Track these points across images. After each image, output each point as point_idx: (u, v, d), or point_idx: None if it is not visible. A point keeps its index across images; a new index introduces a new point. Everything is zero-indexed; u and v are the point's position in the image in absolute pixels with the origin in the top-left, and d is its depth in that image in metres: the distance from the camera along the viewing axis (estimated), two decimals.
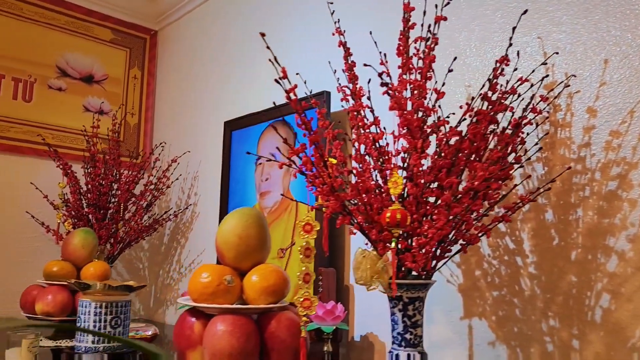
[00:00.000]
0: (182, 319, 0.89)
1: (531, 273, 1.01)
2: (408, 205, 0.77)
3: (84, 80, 2.12)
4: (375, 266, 0.83)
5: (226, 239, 0.89)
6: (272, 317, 0.85)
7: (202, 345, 0.84)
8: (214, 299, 0.85)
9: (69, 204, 1.76)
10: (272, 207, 1.51)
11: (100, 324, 1.12)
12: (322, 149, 0.85)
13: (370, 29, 1.05)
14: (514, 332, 1.02)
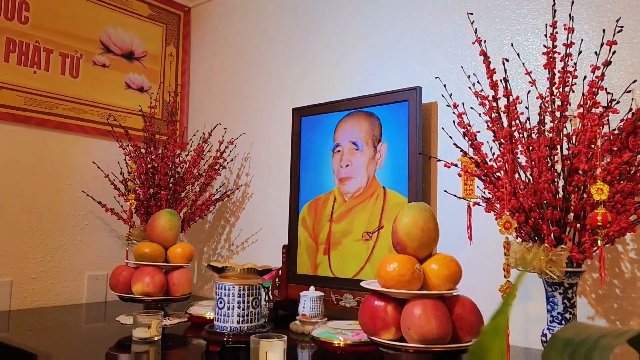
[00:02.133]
0: (369, 303, 0.97)
1: (631, 258, 1.17)
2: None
3: (125, 57, 2.07)
4: (547, 257, 0.95)
5: (409, 231, 0.97)
6: (456, 302, 0.95)
7: (397, 327, 0.94)
8: (409, 286, 0.94)
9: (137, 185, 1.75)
10: (354, 192, 1.59)
11: (244, 304, 1.17)
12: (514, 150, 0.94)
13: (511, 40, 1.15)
14: (613, 308, 1.19)
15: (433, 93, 1.50)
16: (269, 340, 1.01)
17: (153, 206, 1.76)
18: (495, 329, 0.31)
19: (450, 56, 1.49)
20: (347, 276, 1.56)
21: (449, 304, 0.95)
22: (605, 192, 0.83)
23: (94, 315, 1.72)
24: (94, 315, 1.72)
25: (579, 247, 0.95)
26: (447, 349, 0.90)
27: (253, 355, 1.00)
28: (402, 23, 1.60)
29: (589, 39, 1.21)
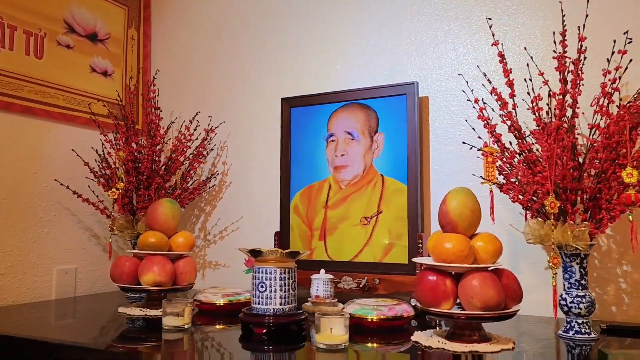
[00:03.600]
0: (425, 278, 1.06)
1: (607, 234, 1.38)
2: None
3: (89, 38, 1.94)
4: (572, 233, 1.11)
5: (460, 212, 1.08)
6: (502, 273, 1.07)
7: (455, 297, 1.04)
8: (466, 261, 1.04)
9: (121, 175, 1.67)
10: (351, 180, 1.66)
11: (285, 287, 1.20)
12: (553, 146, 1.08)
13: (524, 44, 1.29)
14: (593, 276, 1.39)
15: (424, 88, 1.62)
16: (333, 315, 1.06)
17: (142, 195, 1.69)
18: None
19: (444, 54, 1.61)
20: (345, 259, 1.63)
21: (496, 275, 1.06)
22: (635, 176, 1.00)
23: (86, 308, 1.62)
24: (86, 308, 1.62)
25: (595, 224, 1.11)
26: (503, 314, 1.02)
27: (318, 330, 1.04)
28: (397, 21, 1.70)
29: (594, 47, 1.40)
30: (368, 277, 1.57)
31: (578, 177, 1.14)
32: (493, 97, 1.28)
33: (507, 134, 1.27)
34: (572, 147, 1.14)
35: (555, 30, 1.25)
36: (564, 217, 1.14)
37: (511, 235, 1.41)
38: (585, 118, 1.27)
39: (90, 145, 1.85)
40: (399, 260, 1.55)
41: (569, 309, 1.14)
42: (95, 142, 1.87)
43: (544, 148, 1.12)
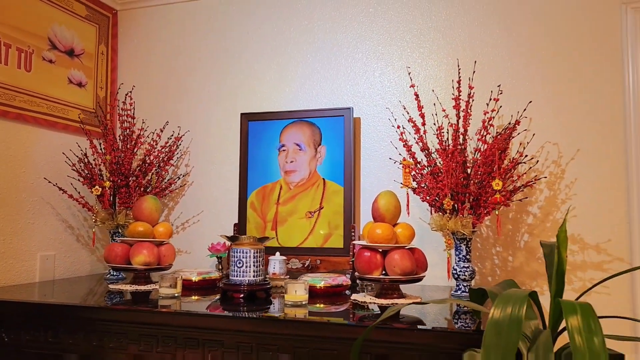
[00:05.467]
0: (362, 254, 1.48)
1: (486, 224, 1.89)
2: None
3: (67, 54, 2.18)
4: (462, 223, 1.58)
5: (387, 208, 1.51)
6: (414, 251, 1.52)
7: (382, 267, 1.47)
8: (391, 242, 1.47)
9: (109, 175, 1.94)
10: (298, 182, 2.06)
11: (257, 264, 1.58)
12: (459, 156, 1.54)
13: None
14: (475, 255, 1.89)
15: (358, 111, 2.05)
16: (297, 281, 1.45)
17: (122, 192, 1.98)
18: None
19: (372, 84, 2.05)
20: (293, 245, 2.02)
21: (410, 252, 1.51)
22: (500, 185, 1.48)
23: (76, 288, 1.86)
24: (76, 288, 1.86)
25: (477, 217, 1.59)
26: (414, 278, 1.46)
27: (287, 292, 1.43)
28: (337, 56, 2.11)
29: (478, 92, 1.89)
30: (311, 259, 1.97)
31: (466, 184, 1.62)
32: (410, 124, 1.73)
33: (419, 152, 1.72)
34: (463, 163, 1.61)
35: (454, 79, 1.73)
36: (456, 212, 1.61)
37: (421, 225, 1.87)
38: (472, 143, 1.76)
39: (69, 148, 2.10)
40: (336, 245, 1.97)
41: (458, 276, 1.62)
42: (73, 145, 2.12)
43: (444, 164, 1.59)
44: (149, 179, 2.06)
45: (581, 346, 0.66)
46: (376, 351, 1.18)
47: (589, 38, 1.80)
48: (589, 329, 0.67)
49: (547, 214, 1.81)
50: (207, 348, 1.30)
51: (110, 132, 2.03)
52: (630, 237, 1.71)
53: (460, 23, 1.94)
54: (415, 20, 2.01)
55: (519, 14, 1.88)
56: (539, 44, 1.85)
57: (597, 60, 1.79)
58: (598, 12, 1.80)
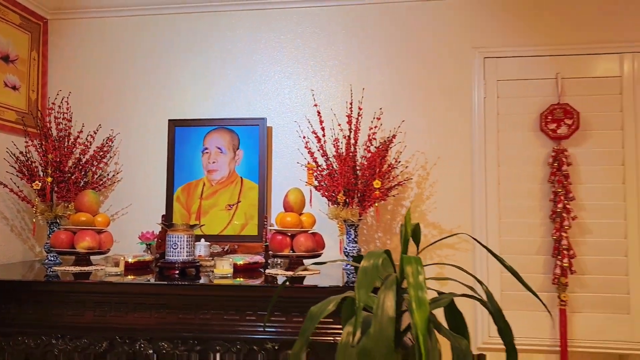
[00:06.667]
0: (275, 237, 1.89)
1: (370, 215, 2.38)
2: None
3: (3, 60, 2.36)
4: (351, 211, 2.05)
5: (295, 201, 1.93)
6: (315, 234, 1.96)
7: (290, 247, 1.89)
8: (298, 227, 1.90)
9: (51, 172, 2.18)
10: (219, 180, 2.42)
11: (189, 246, 1.93)
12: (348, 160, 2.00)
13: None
14: (362, 239, 2.38)
15: (270, 121, 2.46)
16: (223, 258, 1.83)
17: (62, 187, 2.22)
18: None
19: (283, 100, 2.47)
20: (214, 233, 2.38)
21: (312, 235, 1.94)
22: (379, 184, 1.97)
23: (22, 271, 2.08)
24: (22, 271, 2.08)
25: (363, 208, 2.07)
26: (315, 254, 1.90)
27: (216, 267, 1.80)
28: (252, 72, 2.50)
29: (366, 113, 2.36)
30: (230, 244, 2.35)
31: (355, 183, 2.09)
32: (313, 135, 2.17)
33: (320, 158, 2.17)
34: (353, 167, 2.08)
35: (347, 101, 2.19)
36: (347, 204, 2.07)
37: (320, 215, 2.32)
38: (360, 151, 2.24)
39: (6, 146, 2.29)
40: (251, 233, 2.36)
41: (348, 253, 2.09)
42: (9, 144, 2.31)
43: (339, 167, 2.05)
44: (84, 175, 2.32)
45: (412, 281, 1.12)
46: (285, 305, 1.60)
47: (449, 73, 2.35)
48: (417, 272, 1.13)
49: (416, 207, 2.34)
50: (154, 310, 1.64)
51: (49, 133, 2.26)
52: (472, 223, 2.28)
53: (354, 55, 2.42)
54: (318, 49, 2.45)
55: (399, 51, 2.39)
56: (412, 75, 2.37)
57: (454, 90, 2.34)
58: (456, 54, 2.35)
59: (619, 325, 2.16)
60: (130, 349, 1.58)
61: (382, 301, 1.09)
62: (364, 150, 2.14)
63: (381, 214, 2.33)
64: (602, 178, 2.20)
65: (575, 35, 2.27)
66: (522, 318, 2.20)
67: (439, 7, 2.37)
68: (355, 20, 2.43)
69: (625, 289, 2.16)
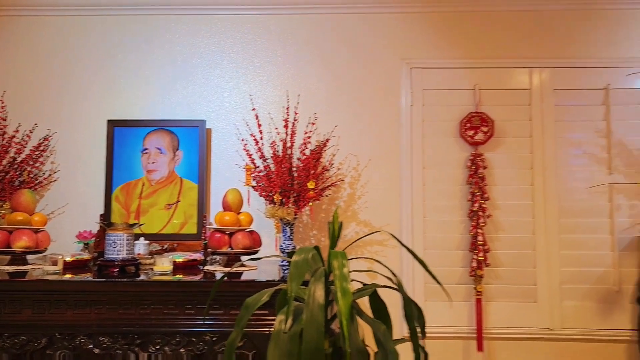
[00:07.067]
0: (214, 235, 1.98)
1: (306, 213, 2.51)
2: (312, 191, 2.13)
3: None
4: (287, 210, 2.17)
5: (233, 201, 2.03)
6: (252, 232, 2.06)
7: (229, 245, 1.99)
8: (236, 225, 1.99)
9: None
10: (159, 179, 2.47)
11: (128, 245, 1.98)
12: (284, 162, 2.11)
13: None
14: (298, 237, 2.50)
15: (210, 123, 2.53)
16: (163, 256, 1.90)
17: None
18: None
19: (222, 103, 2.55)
20: (153, 232, 2.43)
21: (249, 233, 2.04)
22: (313, 185, 2.10)
23: None
24: None
25: (298, 208, 2.19)
26: (252, 251, 2.00)
27: (155, 264, 1.87)
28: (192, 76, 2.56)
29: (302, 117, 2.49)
30: (169, 243, 2.40)
31: (291, 184, 2.21)
32: (251, 138, 2.27)
33: (258, 159, 2.27)
34: (289, 169, 2.20)
35: (284, 106, 2.31)
36: (284, 204, 2.19)
37: (258, 214, 2.42)
38: (296, 154, 2.36)
39: None
40: (191, 231, 2.43)
41: (283, 250, 2.20)
42: None
43: (275, 169, 2.16)
44: (20, 174, 2.30)
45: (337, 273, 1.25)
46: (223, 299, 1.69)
47: (379, 81, 2.52)
48: (342, 265, 1.27)
49: (349, 206, 2.49)
50: (94, 307, 1.69)
51: None
52: (400, 221, 2.46)
53: (291, 62, 2.54)
54: (256, 55, 2.55)
55: (333, 60, 2.53)
56: (345, 83, 2.52)
57: (384, 97, 2.51)
58: (386, 64, 2.52)
59: (527, 312, 2.40)
60: (70, 344, 1.62)
61: (312, 291, 1.22)
62: (299, 152, 2.27)
63: (316, 213, 2.46)
64: (514, 180, 2.44)
65: (492, 51, 2.50)
66: (443, 308, 2.40)
67: (370, 20, 2.54)
68: (291, 29, 2.55)
69: (533, 280, 2.40)
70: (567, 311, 2.39)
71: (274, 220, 2.21)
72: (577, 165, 2.44)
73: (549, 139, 2.44)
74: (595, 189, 2.41)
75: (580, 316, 2.39)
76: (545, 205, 2.42)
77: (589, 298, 2.39)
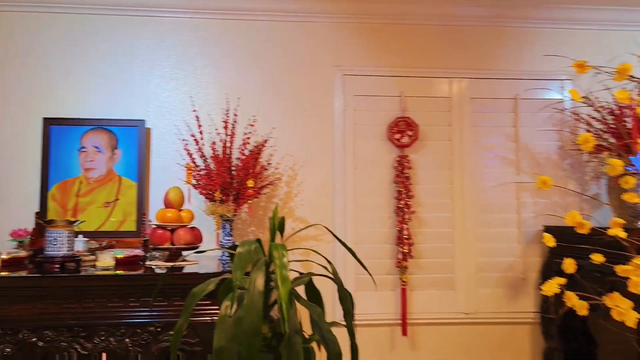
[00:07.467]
0: (155, 231, 2.05)
1: (244, 211, 2.62)
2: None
3: None
4: (227, 209, 2.27)
5: (175, 198, 2.11)
6: (194, 229, 2.14)
7: (171, 241, 2.06)
8: (178, 222, 2.07)
9: None
10: (97, 178, 2.49)
11: (69, 242, 2.01)
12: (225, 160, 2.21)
13: None
14: (237, 234, 2.60)
15: (149, 123, 2.58)
16: (104, 252, 1.95)
17: None
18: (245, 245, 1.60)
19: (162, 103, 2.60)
20: (91, 229, 2.45)
21: (191, 229, 2.13)
22: (253, 183, 2.21)
23: None
24: None
25: (237, 205, 2.30)
26: (194, 247, 2.09)
27: (98, 260, 1.92)
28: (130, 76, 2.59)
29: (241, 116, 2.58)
30: (108, 240, 2.43)
31: (231, 182, 2.31)
32: (192, 138, 2.35)
33: (199, 159, 2.35)
34: (229, 168, 2.30)
35: (224, 108, 2.41)
36: (224, 202, 2.29)
37: (199, 211, 2.50)
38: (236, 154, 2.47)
39: None
40: (130, 228, 2.47)
41: (223, 245, 2.30)
42: None
43: (216, 168, 2.25)
44: None
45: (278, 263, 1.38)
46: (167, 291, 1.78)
47: (314, 86, 2.67)
48: (282, 255, 1.40)
49: (285, 203, 2.63)
50: (37, 302, 1.72)
51: None
52: (333, 218, 2.63)
53: (230, 65, 2.63)
54: (197, 57, 2.63)
55: (270, 64, 2.66)
56: (283, 87, 2.65)
57: (319, 101, 2.67)
58: (320, 70, 2.68)
59: (446, 299, 2.64)
60: (12, 339, 1.65)
61: (254, 279, 1.34)
62: (239, 153, 2.37)
63: (254, 210, 2.58)
64: (435, 180, 2.68)
65: (416, 61, 2.72)
66: (372, 297, 2.59)
67: (306, 28, 2.69)
68: (230, 33, 2.65)
69: (451, 270, 2.65)
70: (481, 297, 2.65)
71: (214, 217, 2.30)
72: (490, 166, 2.71)
73: (466, 142, 2.70)
74: (505, 188, 2.70)
75: (493, 301, 2.66)
76: (463, 202, 2.67)
77: (499, 285, 2.67)
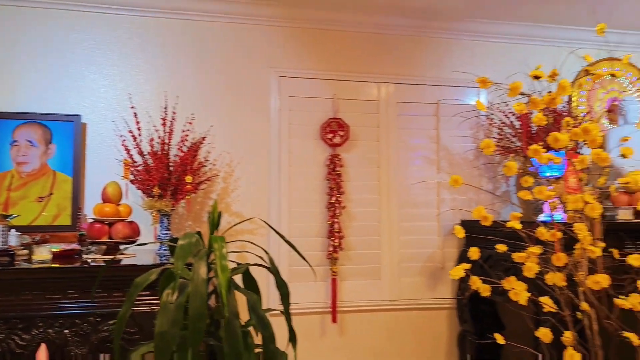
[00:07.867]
0: (93, 226, 2.09)
1: (182, 206, 2.68)
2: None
3: None
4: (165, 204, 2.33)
5: (113, 193, 2.15)
6: (132, 223, 2.19)
7: (108, 235, 2.11)
8: (116, 216, 2.12)
9: None
10: (30, 172, 2.46)
11: (4, 238, 2.00)
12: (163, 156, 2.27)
13: None
14: (175, 227, 2.66)
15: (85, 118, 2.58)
16: (40, 247, 1.96)
17: None
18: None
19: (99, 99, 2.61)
20: (24, 224, 2.42)
21: (129, 224, 2.18)
22: (191, 179, 2.29)
23: None
24: None
25: (175, 201, 2.37)
26: (131, 241, 2.14)
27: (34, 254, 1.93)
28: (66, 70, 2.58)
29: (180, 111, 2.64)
30: (42, 235, 2.42)
31: (169, 178, 2.37)
32: (129, 135, 2.39)
33: (136, 155, 2.40)
34: (167, 164, 2.36)
35: (162, 105, 2.46)
36: (162, 197, 2.35)
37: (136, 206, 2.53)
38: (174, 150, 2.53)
39: None
40: (64, 223, 2.46)
41: (161, 239, 2.36)
42: None
43: (154, 164, 2.31)
44: None
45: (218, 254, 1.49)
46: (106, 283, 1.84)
47: (251, 86, 2.77)
48: (221, 246, 1.51)
49: (222, 199, 2.72)
50: None
51: None
52: (269, 212, 2.75)
53: (168, 64, 2.68)
54: (134, 54, 2.65)
55: (208, 64, 2.73)
56: (220, 86, 2.74)
57: (255, 101, 2.77)
58: (256, 70, 2.78)
59: (373, 288, 2.84)
60: None
61: (197, 268, 1.45)
62: (177, 149, 2.44)
63: (192, 205, 2.65)
64: (364, 177, 2.87)
65: (347, 66, 2.89)
66: (304, 288, 2.74)
67: (243, 29, 2.78)
68: (169, 32, 2.69)
69: (378, 261, 2.85)
70: (404, 285, 2.88)
71: (152, 211, 2.36)
72: (414, 165, 2.93)
73: (392, 143, 2.90)
74: (426, 185, 2.93)
75: (414, 289, 2.89)
76: (389, 198, 2.88)
77: (421, 274, 2.90)
